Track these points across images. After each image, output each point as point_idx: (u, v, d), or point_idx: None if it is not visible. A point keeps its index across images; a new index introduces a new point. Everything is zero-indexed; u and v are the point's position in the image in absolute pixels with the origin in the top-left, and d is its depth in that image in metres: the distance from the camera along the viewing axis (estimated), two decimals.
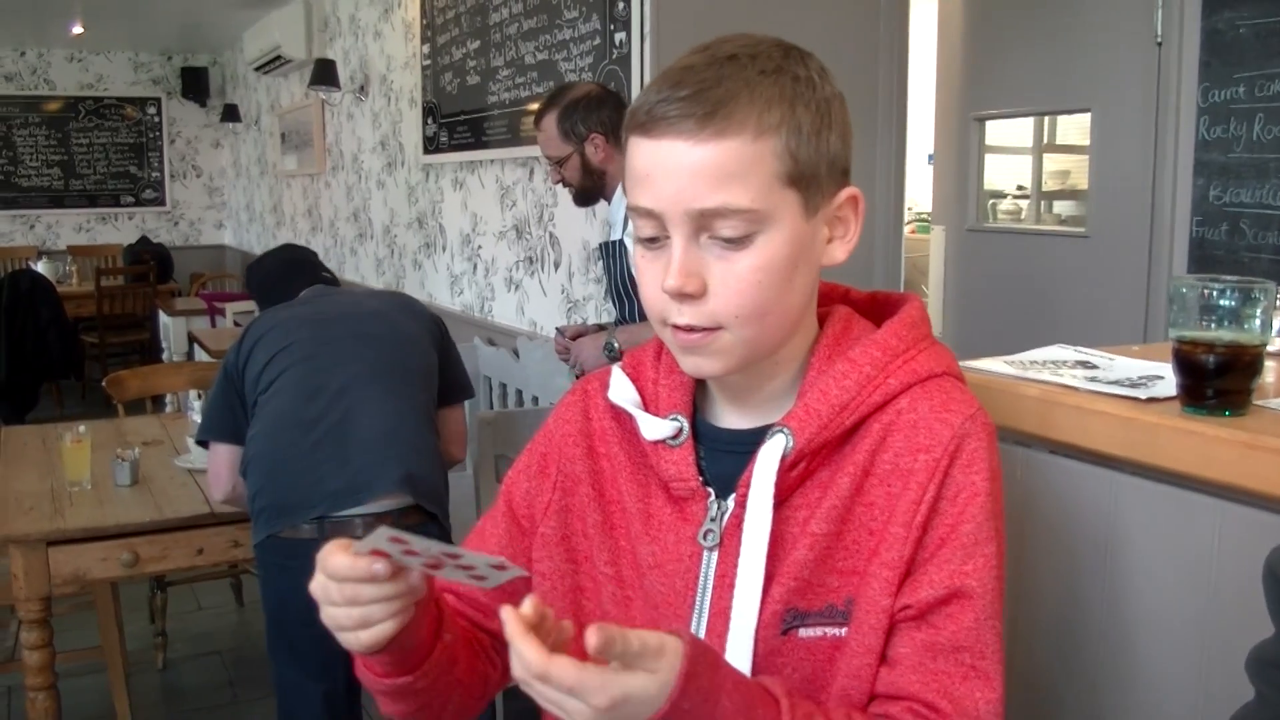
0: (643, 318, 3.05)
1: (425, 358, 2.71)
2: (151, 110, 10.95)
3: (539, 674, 0.81)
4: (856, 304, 1.14)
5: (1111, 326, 3.09)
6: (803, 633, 1.01)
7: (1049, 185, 4.68)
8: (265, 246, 9.62)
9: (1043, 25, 3.42)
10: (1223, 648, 1.10)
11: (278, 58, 7.86)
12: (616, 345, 3.03)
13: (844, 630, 1.01)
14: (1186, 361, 1.11)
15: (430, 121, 5.46)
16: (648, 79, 3.46)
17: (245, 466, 2.54)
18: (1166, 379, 1.22)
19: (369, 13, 6.41)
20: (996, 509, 1.00)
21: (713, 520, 1.04)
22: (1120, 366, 1.40)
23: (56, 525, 2.76)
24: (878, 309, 1.14)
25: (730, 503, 1.03)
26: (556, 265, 4.28)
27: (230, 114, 10.26)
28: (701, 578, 1.04)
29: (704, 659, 0.87)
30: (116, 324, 8.69)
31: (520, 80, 4.42)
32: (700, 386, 1.11)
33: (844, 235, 1.04)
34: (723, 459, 1.07)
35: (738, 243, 0.95)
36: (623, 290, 3.12)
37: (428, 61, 5.46)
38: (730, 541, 1.02)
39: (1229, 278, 1.08)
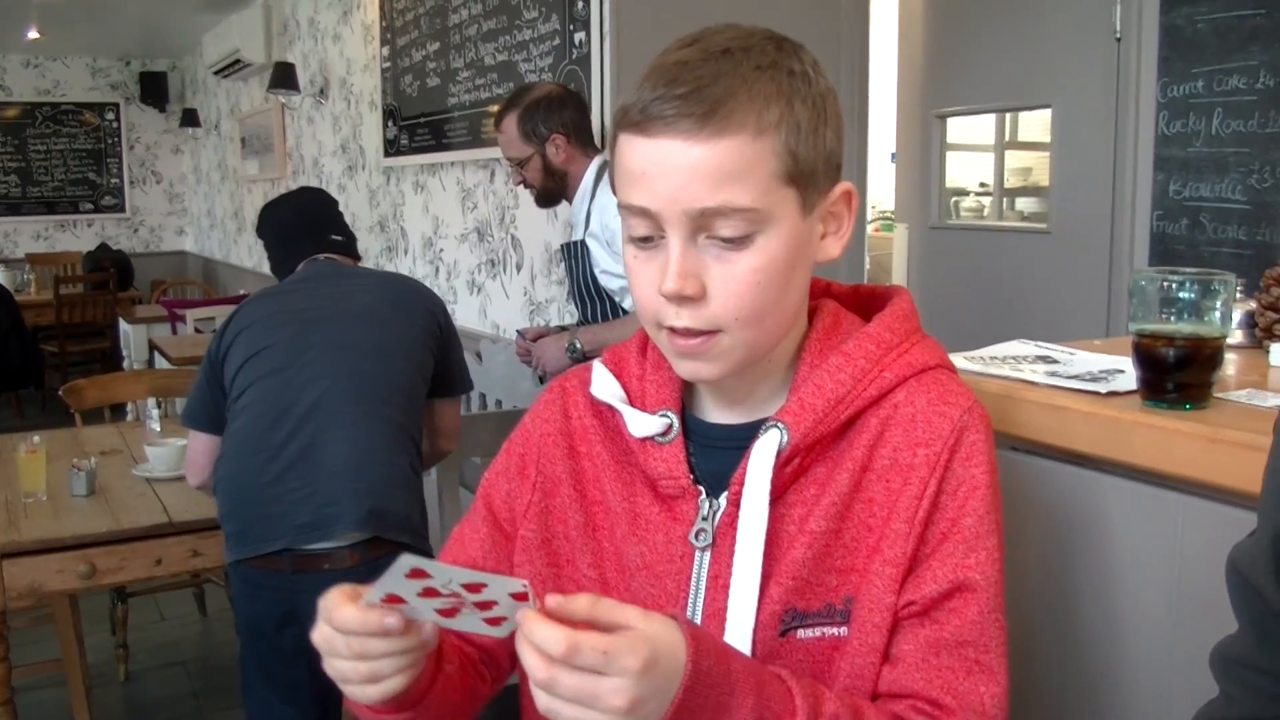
0: (604, 318, 3.04)
1: (410, 364, 2.59)
2: (110, 116, 10.85)
3: (567, 650, 0.77)
4: (840, 298, 1.13)
5: (1073, 321, 3.09)
6: (801, 634, 0.99)
7: (1011, 182, 4.69)
8: (227, 253, 9.55)
9: (1003, 22, 3.42)
10: (1186, 643, 1.09)
11: (237, 61, 7.80)
12: (579, 346, 3.01)
13: (843, 630, 0.99)
14: (1146, 355, 1.10)
15: (391, 124, 5.42)
16: (608, 79, 3.44)
17: (215, 484, 2.50)
18: (1127, 373, 1.21)
19: (328, 15, 6.36)
20: (996, 501, 1.00)
21: (704, 519, 1.01)
22: (1081, 361, 1.39)
23: (10, 537, 2.71)
24: (861, 302, 1.12)
25: (722, 501, 1.01)
26: (519, 267, 4.26)
27: (190, 119, 10.17)
28: (694, 579, 1.01)
29: (697, 628, 0.86)
30: (76, 332, 8.59)
31: (480, 81, 4.39)
32: (687, 382, 1.08)
33: (837, 231, 1.02)
34: (713, 455, 1.04)
35: (737, 243, 0.93)
36: (586, 291, 3.10)
37: (387, 64, 5.42)
38: (723, 541, 1.00)
39: (1188, 270, 1.07)
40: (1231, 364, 1.39)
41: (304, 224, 2.83)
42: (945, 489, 0.98)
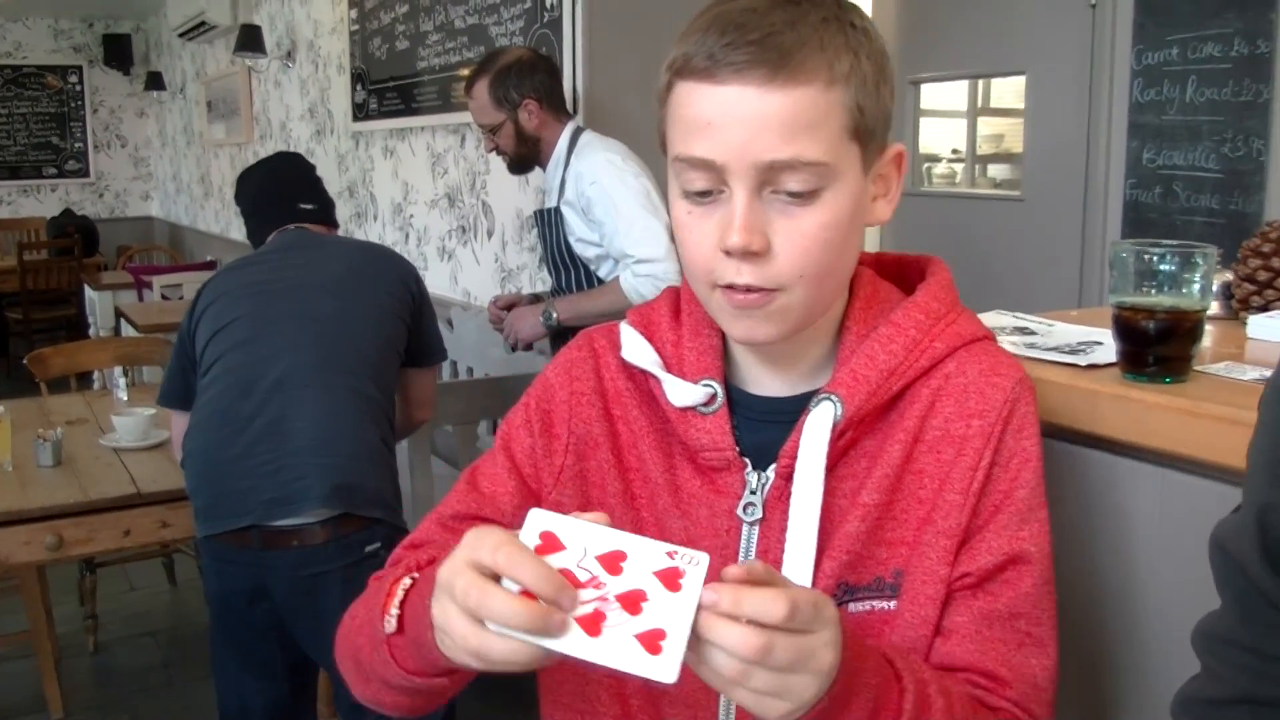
0: (578, 286, 3.02)
1: (380, 335, 2.55)
2: (73, 79, 10.68)
3: (789, 610, 0.71)
4: (866, 265, 1.08)
5: (1047, 290, 3.10)
6: (851, 607, 0.97)
7: (984, 149, 4.70)
8: (193, 219, 9.46)
9: None
10: (1163, 618, 1.09)
11: (202, 24, 7.69)
12: (555, 315, 3.00)
13: (892, 604, 0.97)
14: (1126, 328, 1.10)
15: (359, 88, 5.36)
16: (580, 43, 3.41)
17: (183, 458, 2.47)
18: (1106, 345, 1.21)
19: None
20: (1043, 473, 0.99)
21: (752, 493, 0.98)
22: (1059, 333, 1.38)
23: None
24: (888, 269, 1.09)
25: (770, 474, 0.98)
26: (490, 234, 4.23)
27: (155, 82, 10.04)
28: (741, 553, 0.98)
29: None
30: (41, 299, 8.51)
31: (450, 45, 4.34)
32: (725, 350, 1.04)
33: (886, 194, 0.99)
34: (758, 428, 1.01)
35: (804, 198, 0.90)
36: (560, 259, 3.08)
37: (355, 27, 5.36)
38: (773, 515, 0.97)
39: (1168, 242, 1.06)
40: (1209, 336, 1.38)
41: (274, 193, 2.79)
42: (999, 460, 0.96)
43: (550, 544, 0.73)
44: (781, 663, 0.72)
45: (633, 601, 0.71)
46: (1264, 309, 1.39)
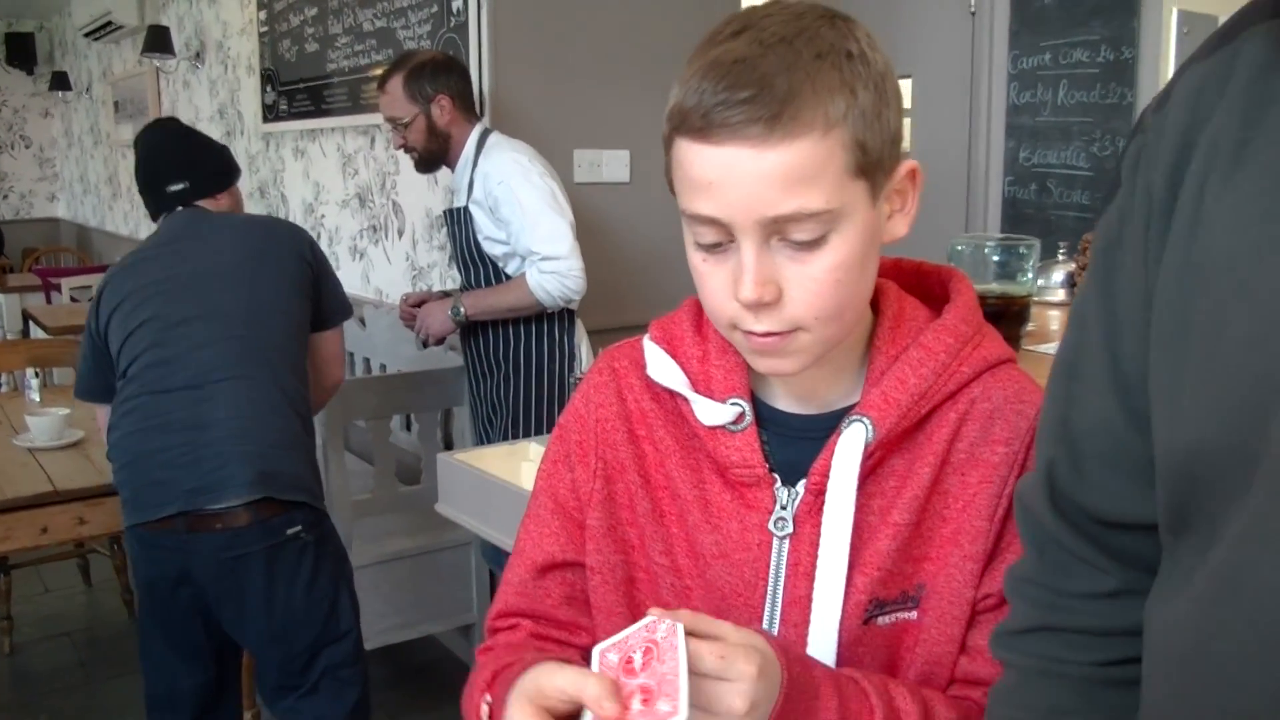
0: (488, 283, 3.10)
1: (286, 318, 2.55)
2: None
3: (689, 658, 0.81)
4: (885, 272, 1.09)
5: None
6: (880, 621, 1.00)
7: None
8: (101, 220, 9.35)
9: None
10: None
11: (109, 24, 7.61)
12: (463, 310, 3.08)
13: (914, 614, 1.01)
14: None
15: (269, 89, 5.39)
16: (485, 47, 3.49)
17: (108, 451, 2.51)
18: None
19: None
20: None
21: (783, 508, 1.01)
22: None
23: None
24: (908, 279, 1.11)
25: (800, 489, 1.00)
26: (400, 233, 4.29)
27: (60, 82, 9.88)
28: (773, 566, 1.01)
29: (778, 638, 0.92)
30: None
31: (359, 48, 4.40)
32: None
33: (903, 208, 0.98)
34: (790, 445, 1.03)
35: (812, 245, 0.90)
36: (469, 257, 3.16)
37: (265, 28, 5.38)
38: (803, 529, 1.00)
39: (997, 236, 1.19)
40: (1055, 320, 1.52)
41: (145, 178, 2.74)
42: None
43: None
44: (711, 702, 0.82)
45: (646, 692, 0.81)
46: None
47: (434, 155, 3.12)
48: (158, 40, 6.50)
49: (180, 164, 2.71)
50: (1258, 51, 0.69)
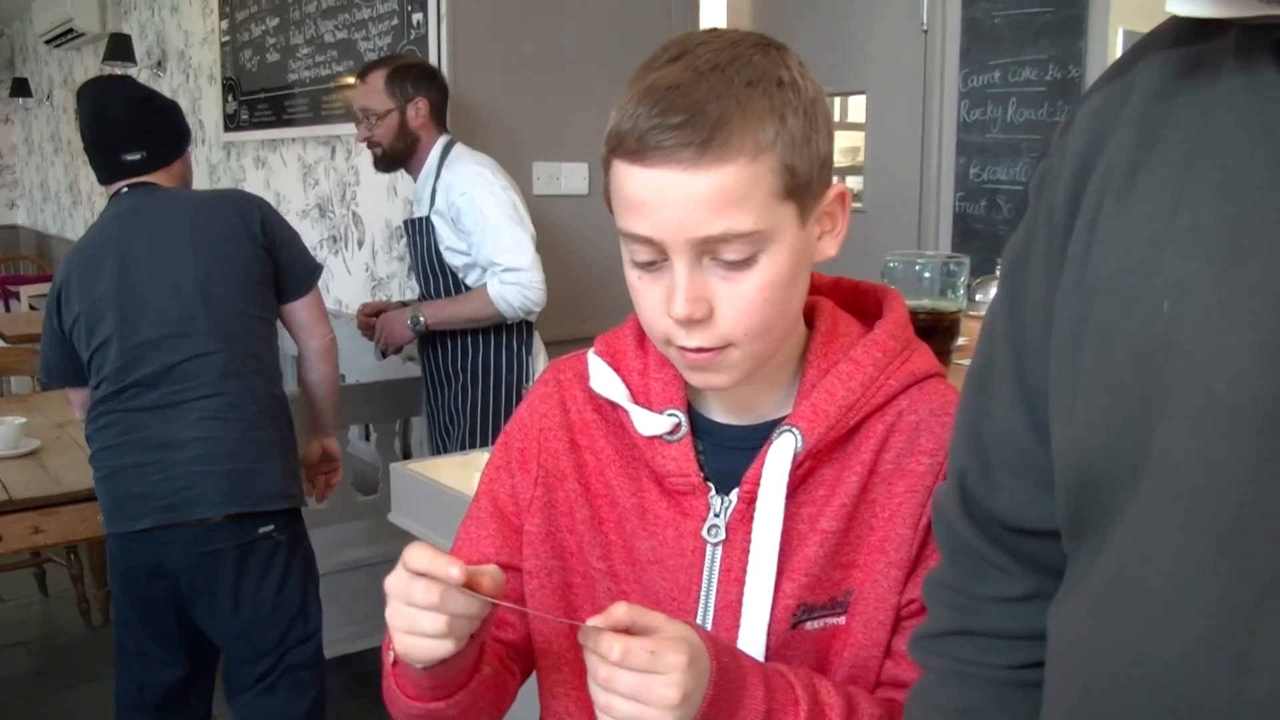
0: (447, 293, 3.13)
1: (249, 316, 2.51)
2: None
3: (621, 653, 0.86)
4: (824, 289, 1.14)
5: None
6: (809, 625, 1.04)
7: (842, 161, 4.90)
8: (62, 227, 9.29)
9: (822, 10, 3.61)
10: None
11: (70, 31, 7.59)
12: (422, 320, 3.10)
13: (842, 619, 1.04)
14: None
15: (230, 99, 5.39)
16: (445, 59, 3.52)
17: (90, 457, 2.51)
18: None
19: None
20: None
21: (716, 515, 1.04)
22: None
23: None
24: (846, 296, 1.15)
25: (733, 498, 1.03)
26: (360, 243, 4.31)
27: (20, 89, 9.83)
28: (706, 572, 1.04)
29: (707, 631, 0.96)
30: None
31: (320, 59, 4.42)
32: None
33: (833, 229, 1.02)
34: (723, 454, 1.06)
35: (741, 264, 0.93)
36: (429, 267, 3.18)
37: (226, 38, 5.38)
38: (735, 536, 1.03)
39: (930, 253, 1.23)
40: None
41: (97, 141, 2.61)
42: None
43: None
44: (625, 692, 0.87)
45: None
46: None
47: (398, 154, 3.13)
48: (119, 48, 6.48)
49: (137, 131, 2.60)
50: (1152, 79, 0.72)
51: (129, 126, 2.59)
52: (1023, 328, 0.81)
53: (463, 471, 2.14)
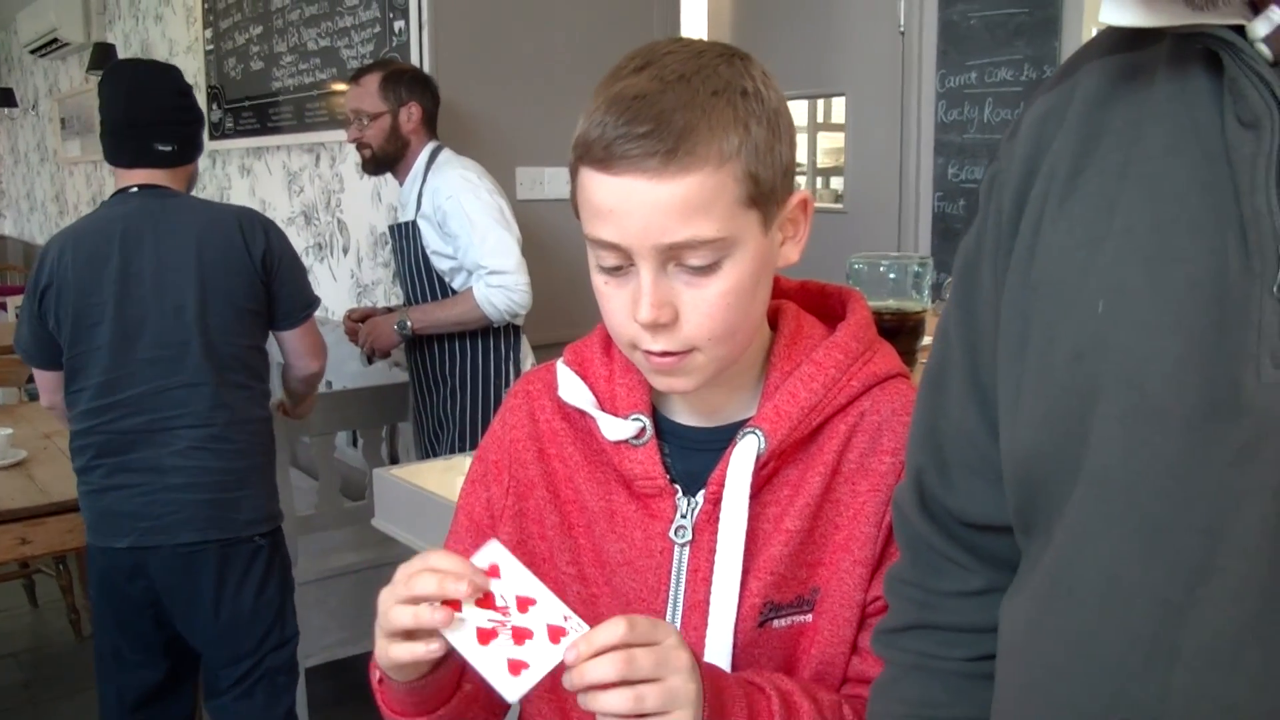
0: (434, 298, 3.14)
1: (238, 346, 2.50)
2: None
3: (626, 627, 0.87)
4: (790, 293, 1.16)
5: None
6: (776, 623, 1.05)
7: (825, 162, 4.93)
8: (48, 237, 9.28)
9: (802, 13, 3.63)
10: None
11: (54, 40, 7.60)
12: (409, 324, 3.12)
13: (809, 617, 1.06)
14: None
15: (215, 107, 5.40)
16: (428, 67, 3.54)
17: (76, 469, 2.52)
18: None
19: None
20: None
21: (683, 516, 1.05)
22: None
23: None
24: (812, 300, 1.17)
25: (699, 499, 1.05)
26: (345, 250, 4.32)
27: (5, 98, 9.83)
28: (674, 572, 1.06)
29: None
30: None
31: (304, 66, 4.43)
32: None
33: (795, 235, 1.04)
34: (689, 456, 1.08)
35: (706, 270, 0.95)
36: (415, 271, 3.19)
37: (210, 46, 5.39)
38: (702, 537, 1.05)
39: (894, 255, 1.25)
40: None
41: (128, 121, 2.53)
42: None
43: (491, 571, 0.92)
44: (648, 669, 0.87)
45: (520, 635, 0.90)
46: None
47: (388, 157, 3.16)
48: (104, 57, 6.49)
49: (176, 123, 2.57)
50: (1093, 85, 0.75)
51: (168, 116, 2.55)
52: (974, 328, 0.83)
53: (446, 476, 2.16)
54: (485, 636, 0.90)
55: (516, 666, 0.89)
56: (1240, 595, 0.62)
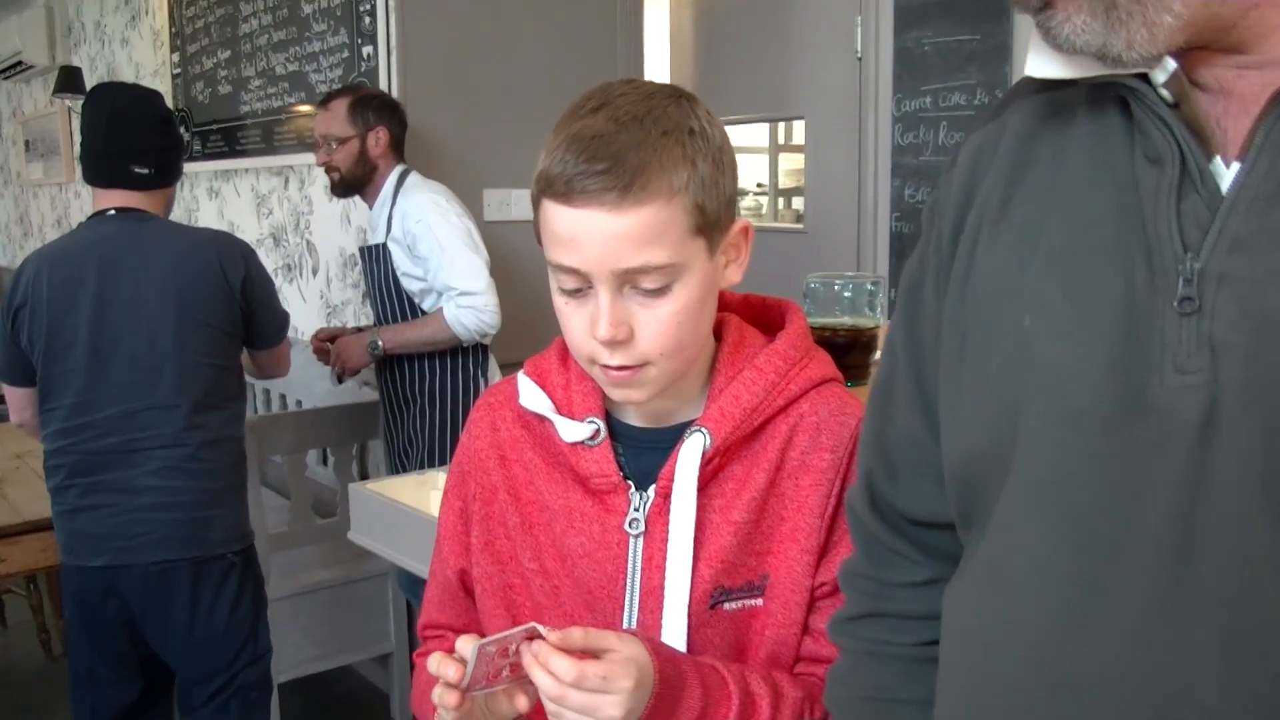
0: (404, 319, 3.20)
1: (211, 369, 2.53)
2: None
3: (576, 677, 0.97)
4: (733, 307, 1.27)
5: None
6: (727, 606, 1.15)
7: (785, 183, 5.02)
8: (12, 260, 9.25)
9: (761, 38, 3.72)
10: None
11: (19, 63, 7.58)
12: (380, 344, 3.17)
13: (759, 601, 1.16)
14: (819, 343, 1.36)
15: (182, 130, 5.43)
16: (396, 91, 3.60)
17: (50, 488, 2.54)
18: None
19: (115, 19, 6.29)
20: None
21: (636, 510, 1.15)
22: None
23: None
24: (754, 312, 1.27)
25: (651, 493, 1.15)
26: (315, 272, 4.37)
27: None
28: (630, 561, 1.15)
29: (653, 639, 1.08)
30: None
31: (272, 90, 4.48)
32: None
33: (737, 258, 1.15)
34: (641, 455, 1.18)
35: (658, 292, 1.06)
36: (385, 292, 3.25)
37: (178, 70, 5.43)
38: (654, 528, 1.14)
39: (848, 274, 1.33)
40: None
41: (107, 145, 2.56)
42: (847, 486, 1.13)
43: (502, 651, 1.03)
44: (576, 707, 0.99)
45: (516, 667, 1.03)
46: None
47: (356, 180, 3.21)
48: (70, 81, 6.50)
49: (155, 148, 2.60)
50: (1023, 120, 0.83)
51: (148, 140, 2.58)
52: (919, 343, 0.91)
53: (420, 490, 2.21)
54: (494, 678, 1.04)
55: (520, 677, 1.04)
56: (1151, 574, 0.70)
